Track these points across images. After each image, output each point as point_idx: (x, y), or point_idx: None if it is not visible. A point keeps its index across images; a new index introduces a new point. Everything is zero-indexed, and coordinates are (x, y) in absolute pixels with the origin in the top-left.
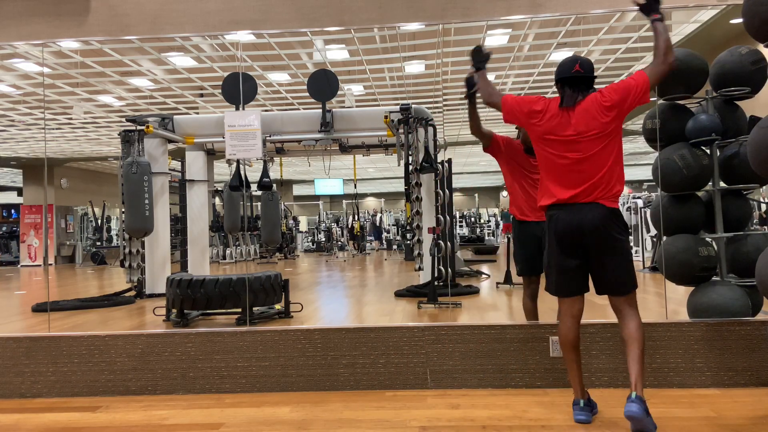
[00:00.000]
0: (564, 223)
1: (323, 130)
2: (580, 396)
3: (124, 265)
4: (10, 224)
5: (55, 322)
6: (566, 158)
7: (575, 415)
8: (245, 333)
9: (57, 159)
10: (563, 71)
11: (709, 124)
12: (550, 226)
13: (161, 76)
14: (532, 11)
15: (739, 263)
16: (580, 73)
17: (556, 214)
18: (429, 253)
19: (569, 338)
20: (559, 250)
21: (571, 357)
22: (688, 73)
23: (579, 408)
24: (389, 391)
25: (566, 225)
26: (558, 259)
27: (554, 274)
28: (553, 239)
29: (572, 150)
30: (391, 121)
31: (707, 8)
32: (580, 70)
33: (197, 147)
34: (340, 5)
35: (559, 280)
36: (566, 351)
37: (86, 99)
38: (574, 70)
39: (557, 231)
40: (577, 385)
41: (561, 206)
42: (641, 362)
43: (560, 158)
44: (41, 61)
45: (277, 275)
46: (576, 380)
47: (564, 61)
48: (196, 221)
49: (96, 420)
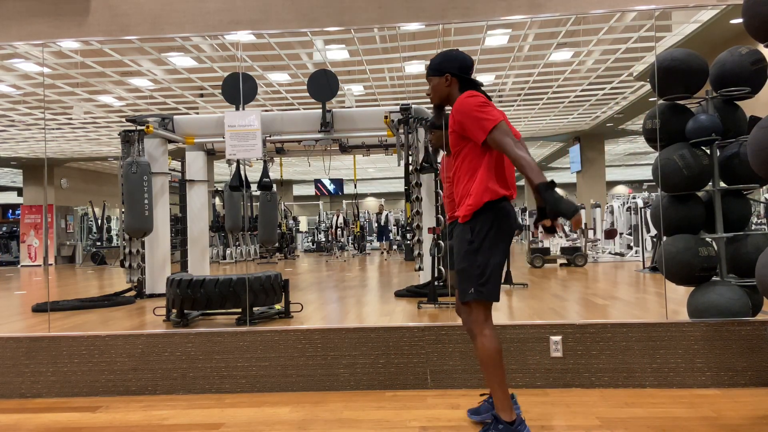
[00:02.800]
0: (514, 217)
1: (323, 130)
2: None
3: (124, 265)
4: (10, 224)
5: (55, 322)
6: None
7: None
8: (245, 333)
9: (57, 159)
10: (469, 72)
11: (709, 124)
12: (505, 219)
13: (161, 76)
14: (532, 11)
15: (739, 263)
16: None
17: (508, 206)
18: (429, 253)
19: (500, 346)
20: (506, 247)
21: (504, 369)
22: (688, 73)
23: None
24: (389, 391)
25: (515, 219)
26: (504, 257)
27: (499, 276)
28: (506, 235)
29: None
30: (391, 121)
31: (707, 8)
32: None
33: (197, 147)
34: (340, 5)
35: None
36: (502, 362)
37: (86, 99)
38: (471, 73)
39: (513, 225)
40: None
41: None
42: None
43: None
44: (41, 61)
45: (277, 275)
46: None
47: (465, 57)
48: (196, 221)
49: (96, 420)
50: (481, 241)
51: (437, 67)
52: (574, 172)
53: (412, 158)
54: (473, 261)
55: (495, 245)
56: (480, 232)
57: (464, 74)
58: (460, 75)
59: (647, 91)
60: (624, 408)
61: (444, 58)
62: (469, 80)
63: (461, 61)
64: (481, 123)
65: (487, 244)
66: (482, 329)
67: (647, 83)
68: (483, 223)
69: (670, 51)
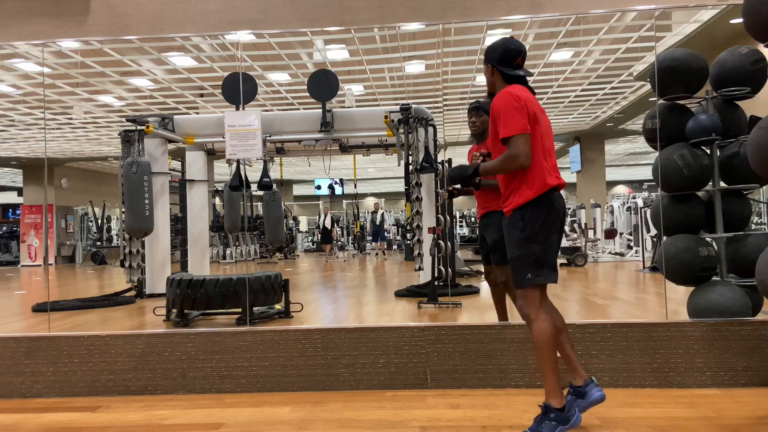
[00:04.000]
0: (562, 205)
1: (323, 130)
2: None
3: (124, 265)
4: (10, 224)
5: (55, 322)
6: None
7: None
8: (245, 333)
9: (57, 159)
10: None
11: (709, 124)
12: (553, 207)
13: (161, 76)
14: (532, 11)
15: (739, 263)
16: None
17: (557, 195)
18: (429, 253)
19: (555, 330)
20: (558, 233)
21: (556, 354)
22: (688, 73)
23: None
24: (389, 391)
25: (564, 206)
26: (556, 242)
27: (554, 259)
28: (556, 221)
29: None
30: (391, 121)
31: (707, 8)
32: (521, 65)
33: (197, 147)
34: (340, 5)
35: (555, 260)
36: (555, 347)
37: (86, 99)
38: (516, 63)
39: (561, 212)
40: (560, 386)
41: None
42: (574, 347)
43: (549, 142)
44: (41, 61)
45: (277, 275)
46: (559, 380)
47: (510, 47)
48: (196, 221)
49: (96, 420)
50: (533, 228)
51: (485, 55)
52: (574, 172)
53: (412, 158)
54: (528, 248)
55: (547, 231)
56: (532, 220)
57: (505, 65)
58: (500, 67)
59: (647, 91)
60: (624, 408)
61: (490, 47)
62: (512, 75)
63: (502, 52)
64: (508, 123)
65: (539, 231)
66: (539, 313)
67: (647, 83)
68: (534, 211)
69: (670, 51)
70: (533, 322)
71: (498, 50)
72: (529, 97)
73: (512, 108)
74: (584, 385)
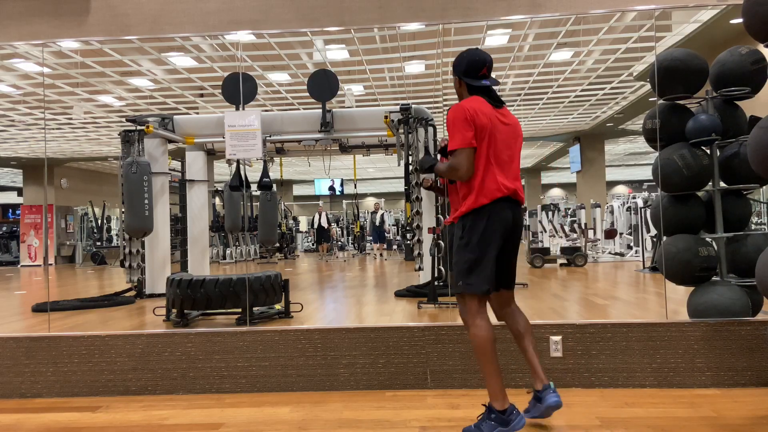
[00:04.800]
0: (512, 216)
1: (323, 130)
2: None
3: (124, 265)
4: (10, 224)
5: (55, 322)
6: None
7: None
8: (245, 333)
9: (57, 159)
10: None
11: (709, 124)
12: (497, 217)
13: (161, 76)
14: (532, 11)
15: (739, 263)
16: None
17: (503, 206)
18: (429, 253)
19: (493, 336)
20: (498, 244)
21: (496, 358)
22: (688, 73)
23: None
24: (389, 391)
25: (512, 217)
26: (494, 253)
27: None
28: (497, 232)
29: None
30: (391, 121)
31: (707, 8)
32: (487, 74)
33: (197, 147)
34: (340, 5)
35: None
36: (493, 352)
37: (86, 99)
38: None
39: (505, 223)
40: (503, 390)
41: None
42: (537, 352)
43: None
44: (41, 61)
45: (277, 275)
46: (501, 384)
47: (474, 58)
48: (196, 221)
49: (96, 420)
50: (470, 237)
51: (452, 67)
52: (574, 172)
53: (412, 158)
54: (462, 256)
55: (485, 242)
56: (470, 229)
57: (470, 77)
58: (465, 78)
59: (647, 91)
60: (624, 408)
61: (456, 58)
62: (477, 86)
63: (467, 64)
64: (454, 136)
65: (476, 240)
66: (474, 320)
67: (647, 83)
68: (474, 220)
69: (670, 51)
70: (469, 328)
71: (463, 62)
72: (483, 108)
73: (459, 121)
74: (542, 389)
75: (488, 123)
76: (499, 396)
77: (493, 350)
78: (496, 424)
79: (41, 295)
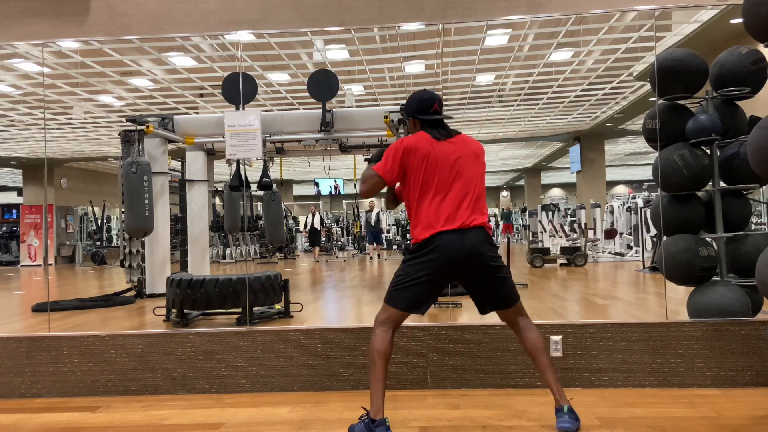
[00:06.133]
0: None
1: (323, 130)
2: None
3: (124, 265)
4: (10, 224)
5: (55, 322)
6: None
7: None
8: (245, 333)
9: (57, 159)
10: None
11: (709, 124)
12: (436, 251)
13: (161, 76)
14: (532, 11)
15: (739, 263)
16: (439, 114)
17: (444, 239)
18: None
19: (385, 349)
20: (438, 272)
21: (384, 368)
22: (688, 73)
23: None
24: (389, 391)
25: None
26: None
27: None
28: (432, 263)
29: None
30: (391, 121)
31: (707, 8)
32: (438, 110)
33: (197, 147)
34: (340, 5)
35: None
36: (384, 362)
37: (86, 99)
38: (433, 110)
39: (444, 256)
40: (379, 400)
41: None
42: (554, 369)
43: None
44: (41, 61)
45: (277, 275)
46: (380, 394)
47: (423, 97)
48: (196, 221)
49: (96, 420)
50: (409, 259)
51: (405, 109)
52: (574, 172)
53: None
54: (399, 270)
55: (417, 267)
56: (413, 252)
57: (423, 113)
58: (418, 116)
59: (647, 91)
60: (624, 408)
61: (406, 102)
62: (428, 120)
63: (417, 103)
64: (381, 160)
65: (412, 262)
66: (377, 326)
67: (647, 83)
68: (418, 247)
69: (670, 51)
70: (373, 331)
71: (414, 103)
72: (421, 145)
73: (390, 151)
74: (557, 410)
75: (420, 161)
76: (373, 405)
77: (382, 361)
78: (365, 428)
79: (41, 295)
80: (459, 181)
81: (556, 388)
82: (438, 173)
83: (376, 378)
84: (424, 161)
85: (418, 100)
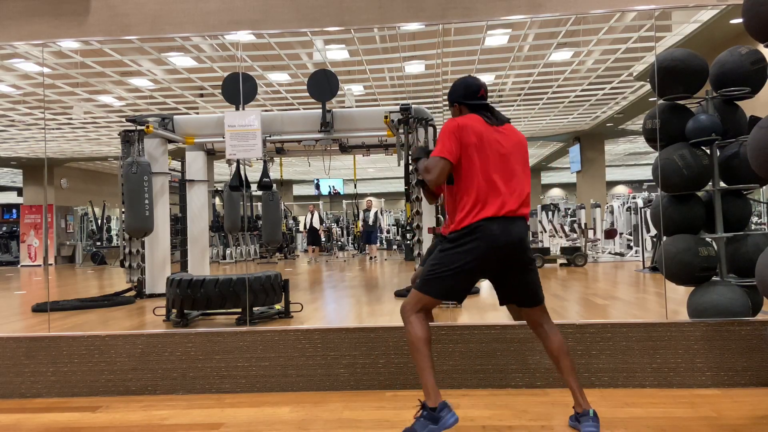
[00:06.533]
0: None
1: (323, 130)
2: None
3: (124, 265)
4: (10, 224)
5: (55, 322)
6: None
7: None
8: (245, 333)
9: (57, 159)
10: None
11: (709, 124)
12: (479, 239)
13: (161, 76)
14: (532, 11)
15: (739, 263)
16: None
17: (490, 228)
18: None
19: (430, 333)
20: (482, 259)
21: (429, 355)
22: (688, 73)
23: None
24: (389, 391)
25: (506, 236)
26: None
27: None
28: (474, 252)
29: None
30: (391, 121)
31: (707, 8)
32: (485, 96)
33: (197, 147)
34: (340, 5)
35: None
36: (428, 348)
37: (86, 99)
38: (480, 95)
39: (486, 245)
40: (434, 386)
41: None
42: (576, 373)
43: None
44: (41, 61)
45: (277, 275)
46: (433, 380)
47: (470, 82)
48: (196, 221)
49: (96, 420)
50: (451, 246)
51: (449, 97)
52: (574, 172)
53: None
54: (435, 258)
55: (460, 255)
56: (454, 241)
57: (469, 99)
58: (465, 101)
59: (647, 91)
60: (624, 408)
61: (451, 87)
62: (476, 105)
63: (464, 88)
64: (438, 144)
65: (454, 250)
66: (409, 316)
67: (647, 83)
68: (459, 235)
69: (670, 51)
70: (404, 323)
71: (460, 88)
72: (474, 125)
73: (445, 133)
74: (581, 413)
75: (476, 140)
76: (430, 393)
77: (425, 348)
78: (427, 421)
79: (41, 295)
80: (509, 170)
81: (579, 392)
82: (491, 158)
83: (424, 365)
84: (478, 140)
85: (465, 86)
